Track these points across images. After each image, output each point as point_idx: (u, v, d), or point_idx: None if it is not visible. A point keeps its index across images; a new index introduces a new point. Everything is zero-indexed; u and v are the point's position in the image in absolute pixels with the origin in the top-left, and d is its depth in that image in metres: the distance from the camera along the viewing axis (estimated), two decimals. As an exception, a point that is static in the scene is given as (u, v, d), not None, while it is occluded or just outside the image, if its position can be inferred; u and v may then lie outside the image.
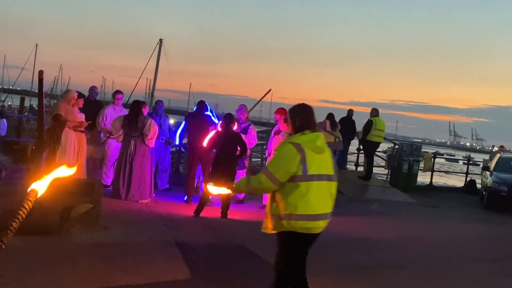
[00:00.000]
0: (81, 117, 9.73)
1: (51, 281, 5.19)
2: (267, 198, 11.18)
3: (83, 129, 9.75)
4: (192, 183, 10.66)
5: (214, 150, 9.61)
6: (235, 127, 9.99)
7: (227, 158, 9.33)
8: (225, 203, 9.38)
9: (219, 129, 9.70)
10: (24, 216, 3.35)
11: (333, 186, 4.41)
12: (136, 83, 46.30)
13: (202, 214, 9.32)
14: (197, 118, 10.74)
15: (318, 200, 4.25)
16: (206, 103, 10.99)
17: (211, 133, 9.80)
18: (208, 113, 10.89)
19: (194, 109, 11.21)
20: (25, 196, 3.37)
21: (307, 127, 4.35)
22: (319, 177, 4.25)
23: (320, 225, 4.33)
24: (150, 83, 53.91)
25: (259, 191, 4.65)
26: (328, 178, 4.34)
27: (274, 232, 4.43)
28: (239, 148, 9.55)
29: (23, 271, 5.33)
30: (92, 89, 12.22)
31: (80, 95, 10.03)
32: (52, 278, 5.26)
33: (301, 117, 4.40)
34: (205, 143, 9.74)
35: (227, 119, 9.72)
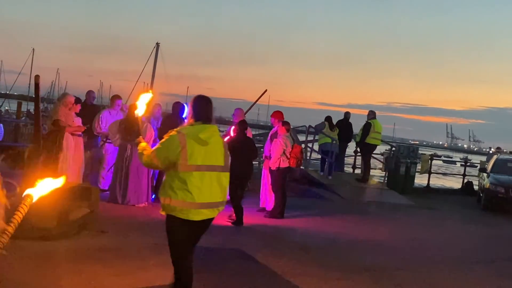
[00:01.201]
0: (78, 121, 9.71)
1: (48, 286, 5.18)
2: (263, 201, 11.22)
3: (80, 133, 9.74)
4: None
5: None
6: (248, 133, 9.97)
7: (241, 164, 9.12)
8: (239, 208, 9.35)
9: (232, 134, 9.64)
10: (19, 221, 3.35)
11: (222, 176, 4.62)
12: (133, 87, 46.29)
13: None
14: (172, 120, 10.25)
15: (200, 189, 4.42)
16: (184, 105, 10.56)
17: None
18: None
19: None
20: (20, 201, 3.38)
21: (200, 118, 4.57)
22: (202, 168, 4.43)
23: (201, 213, 4.50)
24: (147, 87, 53.89)
25: (146, 165, 4.88)
26: (214, 168, 4.53)
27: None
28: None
29: (20, 276, 5.32)
30: (89, 93, 12.22)
31: (77, 100, 10.00)
32: (49, 282, 5.25)
33: (196, 107, 4.63)
34: None
35: (242, 125, 9.71)
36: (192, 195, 4.37)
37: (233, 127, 9.82)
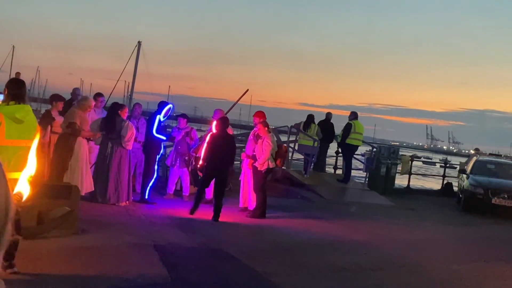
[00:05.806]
0: (60, 120, 9.59)
1: (28, 286, 5.13)
2: (243, 201, 11.18)
3: (96, 138, 9.79)
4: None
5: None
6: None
7: (221, 160, 9.61)
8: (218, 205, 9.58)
9: (214, 130, 9.71)
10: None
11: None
12: (114, 86, 46.03)
13: (178, 215, 9.33)
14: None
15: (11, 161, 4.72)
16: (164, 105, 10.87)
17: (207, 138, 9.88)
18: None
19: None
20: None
21: (14, 99, 5.02)
22: (15, 143, 4.83)
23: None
24: (128, 86, 53.53)
25: None
26: (27, 143, 4.81)
27: None
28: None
29: (-1, 276, 5.26)
30: (75, 90, 12.13)
31: (60, 98, 9.96)
32: (30, 283, 5.20)
33: (10, 89, 5.06)
34: (199, 151, 9.90)
35: (224, 121, 9.76)
36: (11, 167, 4.63)
37: (215, 123, 9.82)
